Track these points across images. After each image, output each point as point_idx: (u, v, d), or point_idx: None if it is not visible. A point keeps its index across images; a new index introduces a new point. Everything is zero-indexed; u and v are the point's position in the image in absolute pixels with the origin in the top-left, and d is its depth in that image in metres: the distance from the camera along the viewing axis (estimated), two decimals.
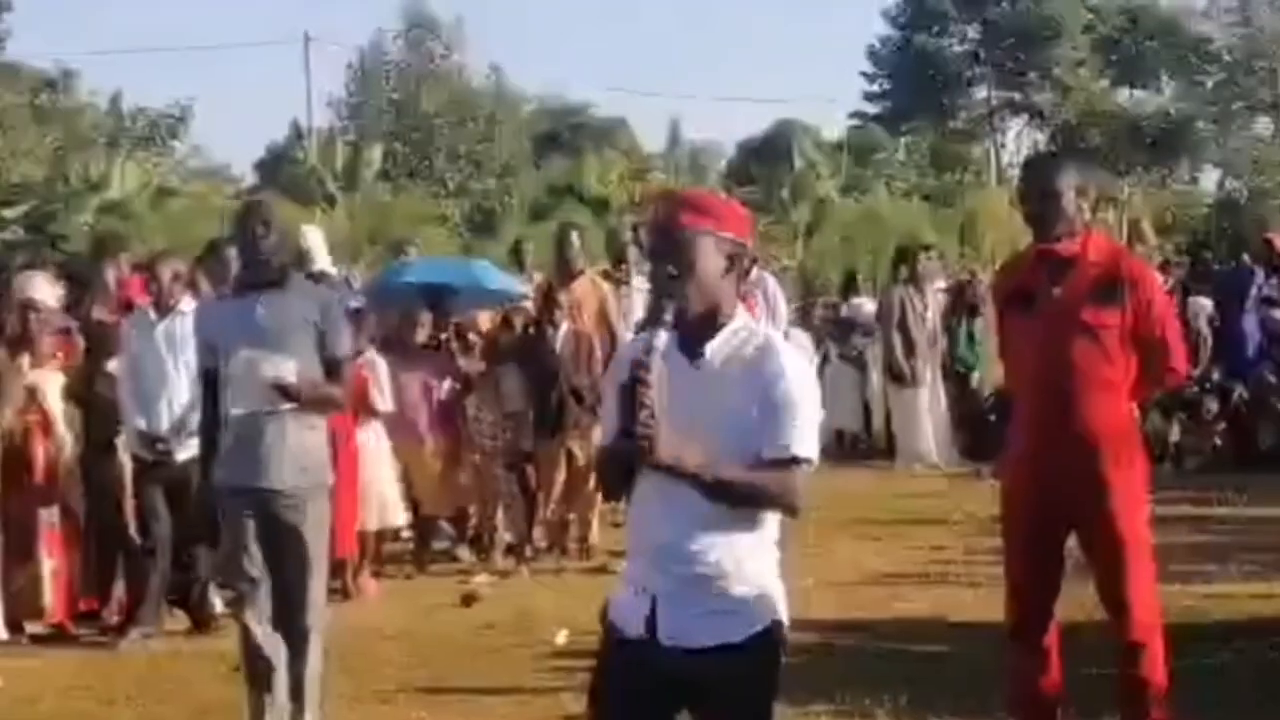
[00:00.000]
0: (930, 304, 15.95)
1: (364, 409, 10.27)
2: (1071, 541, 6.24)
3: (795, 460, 4.07)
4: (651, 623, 4.11)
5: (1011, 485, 6.33)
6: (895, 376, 15.69)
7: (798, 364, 4.17)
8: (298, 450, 6.79)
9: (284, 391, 6.69)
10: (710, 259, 4.12)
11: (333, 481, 7.13)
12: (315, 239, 13.78)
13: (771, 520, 4.19)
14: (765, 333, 4.28)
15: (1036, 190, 6.18)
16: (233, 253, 8.27)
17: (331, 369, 6.89)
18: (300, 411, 6.78)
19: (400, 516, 10.89)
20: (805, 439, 4.09)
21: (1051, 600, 6.28)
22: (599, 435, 4.34)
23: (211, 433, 7.00)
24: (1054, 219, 6.08)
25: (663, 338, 4.03)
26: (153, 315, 9.05)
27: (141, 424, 9.00)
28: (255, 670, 6.85)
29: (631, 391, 3.95)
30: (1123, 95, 56.86)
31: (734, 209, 4.32)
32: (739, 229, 4.20)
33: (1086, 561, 6.24)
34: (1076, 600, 6.55)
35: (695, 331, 4.14)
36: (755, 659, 4.13)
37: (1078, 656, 6.48)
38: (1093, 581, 6.26)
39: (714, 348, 4.14)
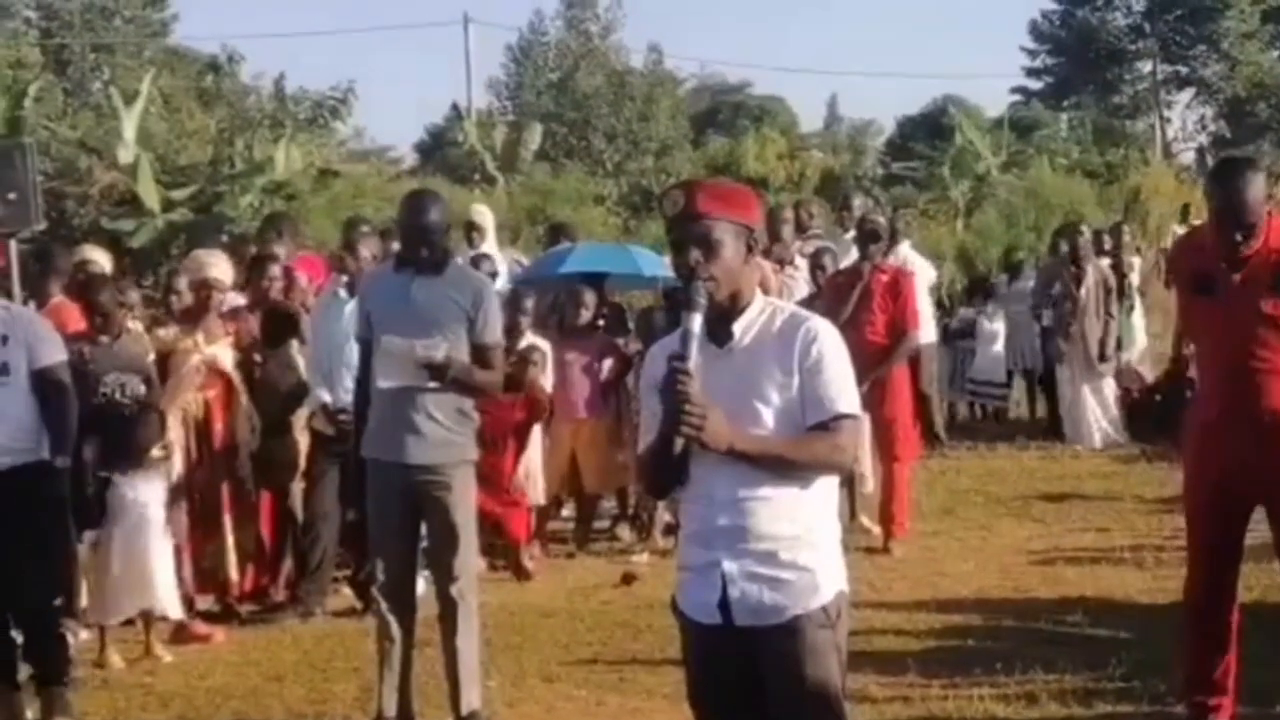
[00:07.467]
0: (1095, 282, 15.56)
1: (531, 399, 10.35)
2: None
3: (840, 417, 4.16)
4: (725, 606, 4.17)
5: (1195, 460, 6.29)
6: (1059, 355, 15.38)
7: (824, 327, 4.23)
8: (443, 427, 6.86)
9: (432, 370, 6.76)
10: (731, 245, 4.18)
11: (477, 457, 7.16)
12: (486, 218, 13.94)
13: (830, 489, 4.27)
14: (789, 307, 4.35)
15: (1227, 202, 6.01)
16: (366, 229, 8.42)
17: (482, 355, 6.94)
18: (446, 390, 6.84)
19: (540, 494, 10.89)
20: (845, 396, 4.18)
21: (1233, 578, 6.23)
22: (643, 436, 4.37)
23: (362, 405, 7.10)
24: (1243, 225, 5.97)
25: (697, 321, 4.09)
26: (343, 293, 9.13)
27: (327, 398, 9.09)
28: (380, 642, 6.97)
29: (672, 383, 4.02)
30: None
31: (748, 195, 4.38)
32: (753, 215, 4.28)
33: (1274, 537, 6.15)
34: (1255, 580, 6.43)
35: (720, 318, 4.20)
36: (825, 628, 4.19)
37: (1255, 638, 6.38)
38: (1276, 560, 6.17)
39: (741, 328, 4.21)
